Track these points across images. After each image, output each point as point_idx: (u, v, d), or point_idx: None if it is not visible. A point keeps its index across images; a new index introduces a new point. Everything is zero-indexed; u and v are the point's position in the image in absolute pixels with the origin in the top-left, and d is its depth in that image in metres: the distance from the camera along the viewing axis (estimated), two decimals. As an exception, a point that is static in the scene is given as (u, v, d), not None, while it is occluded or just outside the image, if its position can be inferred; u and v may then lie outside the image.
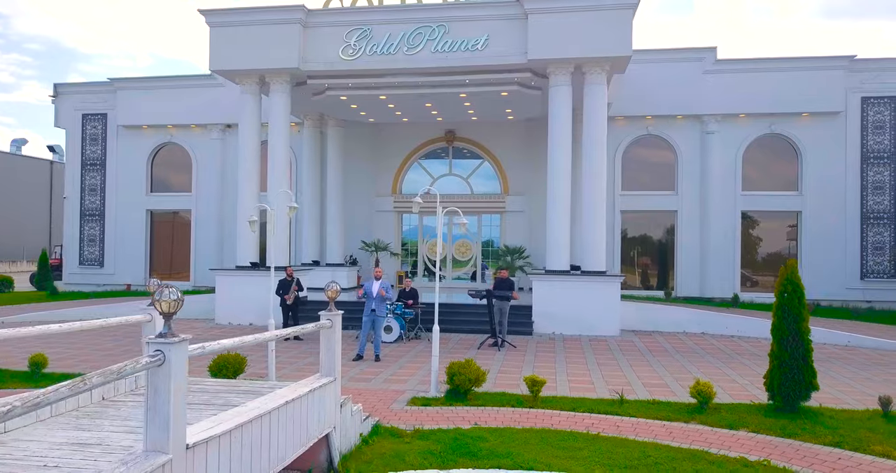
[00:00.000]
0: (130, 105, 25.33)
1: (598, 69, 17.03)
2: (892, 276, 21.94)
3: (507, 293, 14.10)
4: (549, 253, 17.35)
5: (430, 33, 17.34)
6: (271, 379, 10.52)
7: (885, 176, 22.05)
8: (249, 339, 5.19)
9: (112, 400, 6.06)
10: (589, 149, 17.12)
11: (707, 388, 9.20)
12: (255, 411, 4.96)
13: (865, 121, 22.14)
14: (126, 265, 25.64)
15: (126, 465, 3.59)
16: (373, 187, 24.73)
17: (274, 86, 18.34)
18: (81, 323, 6.02)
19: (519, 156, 24.02)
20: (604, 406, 9.37)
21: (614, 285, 16.63)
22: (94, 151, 26.12)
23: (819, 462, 7.05)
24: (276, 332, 6.07)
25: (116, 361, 12.58)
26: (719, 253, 22.43)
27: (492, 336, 14.50)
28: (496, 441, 7.44)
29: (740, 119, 22.59)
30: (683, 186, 22.83)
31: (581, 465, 6.70)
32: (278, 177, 18.28)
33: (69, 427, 5.16)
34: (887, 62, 22.28)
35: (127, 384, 6.46)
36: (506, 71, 17.59)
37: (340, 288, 6.90)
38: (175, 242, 25.99)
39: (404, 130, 24.20)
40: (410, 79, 18.04)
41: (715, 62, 22.40)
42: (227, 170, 25.08)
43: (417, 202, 10.27)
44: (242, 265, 18.34)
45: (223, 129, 25.11)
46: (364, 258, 24.06)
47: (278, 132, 18.39)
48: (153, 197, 25.81)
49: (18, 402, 2.90)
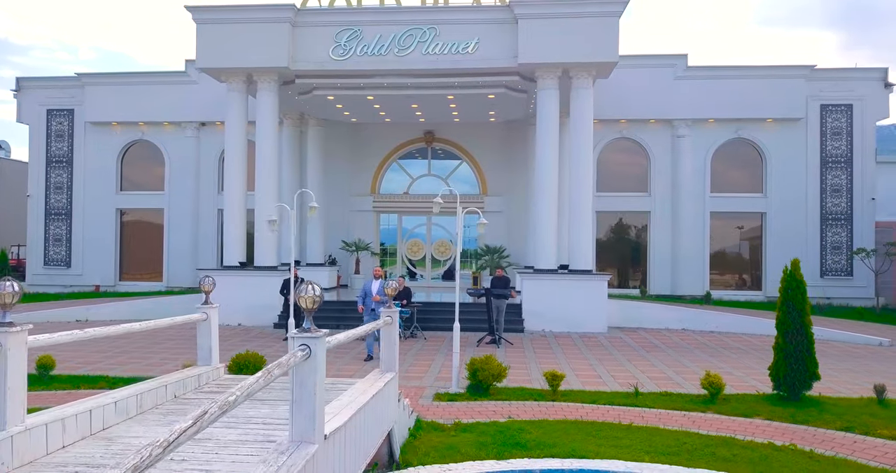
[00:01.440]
0: (99, 101, 24.67)
1: (585, 74, 17.56)
2: (849, 274, 23.22)
3: (505, 291, 14.45)
4: (538, 252, 17.80)
5: (420, 35, 17.55)
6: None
7: (843, 179, 23.33)
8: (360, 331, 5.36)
9: (185, 398, 6.12)
10: (576, 151, 17.63)
11: (717, 380, 9.72)
12: (357, 404, 5.13)
13: (825, 127, 23.38)
14: (94, 265, 24.95)
15: (283, 455, 3.75)
16: (351, 187, 24.75)
17: (261, 84, 18.24)
18: (156, 322, 6.09)
19: (497, 158, 24.44)
20: (620, 398, 9.79)
21: (601, 283, 17.19)
22: (59, 148, 25.32)
23: (838, 445, 7.61)
24: (367, 327, 6.22)
25: (119, 361, 12.38)
26: (690, 252, 23.31)
27: (490, 333, 14.83)
28: (538, 433, 7.76)
29: (709, 124, 23.54)
30: (656, 188, 23.65)
31: (627, 453, 7.07)
32: (266, 176, 18.19)
33: (163, 423, 5.23)
34: (844, 72, 23.61)
35: (191, 383, 6.51)
36: (494, 74, 17.95)
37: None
38: (147, 242, 25.43)
39: (384, 130, 24.31)
40: (400, 81, 18.21)
41: (686, 69, 23.28)
42: (202, 169, 24.71)
43: (438, 202, 10.49)
44: (230, 265, 18.16)
45: (198, 127, 24.71)
46: (343, 258, 24.07)
47: (266, 131, 18.29)
48: (123, 195, 25.20)
49: (215, 406, 3.00)
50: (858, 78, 23.38)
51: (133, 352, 13.68)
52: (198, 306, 7.16)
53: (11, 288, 4.20)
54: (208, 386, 6.61)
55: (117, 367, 12.04)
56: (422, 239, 24.86)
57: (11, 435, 4.10)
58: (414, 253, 24.82)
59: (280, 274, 18.01)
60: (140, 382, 6.10)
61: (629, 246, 24.55)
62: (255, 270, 17.99)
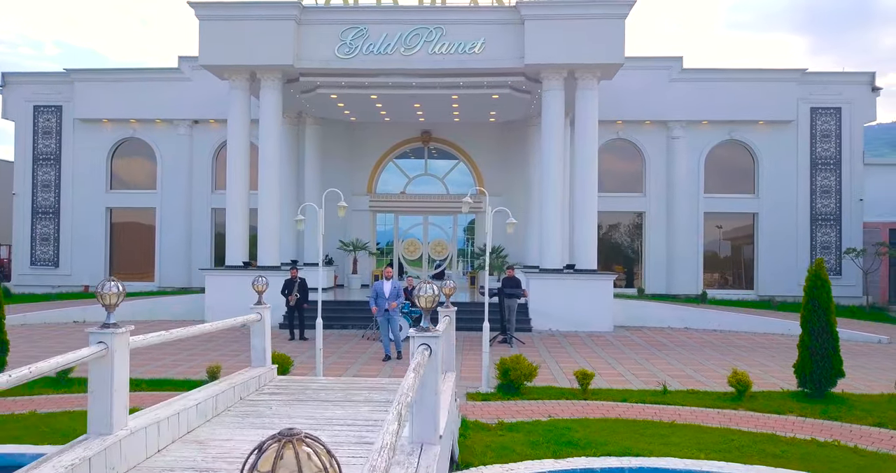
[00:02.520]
0: (89, 97, 24.16)
1: (590, 75, 17.69)
2: (838, 274, 23.71)
3: (518, 291, 14.51)
4: (544, 252, 17.89)
5: (427, 35, 17.52)
6: (319, 375, 10.48)
7: (832, 181, 23.86)
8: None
9: (251, 400, 6.04)
10: (581, 151, 17.76)
11: (745, 377, 9.87)
12: (445, 404, 5.11)
13: (815, 129, 23.89)
14: (84, 265, 24.43)
15: (413, 456, 3.73)
16: (347, 186, 24.56)
17: (265, 82, 18.05)
18: (223, 322, 6.01)
19: (494, 158, 24.50)
20: (650, 396, 9.89)
21: (607, 283, 17.35)
22: (47, 145, 24.75)
23: (877, 440, 7.78)
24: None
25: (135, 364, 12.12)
26: (684, 252, 23.64)
27: (502, 332, 14.86)
28: (585, 432, 7.80)
29: (703, 125, 23.89)
30: (651, 189, 23.92)
31: (678, 450, 7.15)
32: (269, 176, 18.01)
33: (245, 425, 5.15)
34: (833, 75, 24.15)
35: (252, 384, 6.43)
36: (499, 74, 18.00)
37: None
38: (137, 241, 24.99)
39: (380, 130, 24.22)
40: (405, 80, 18.16)
41: (681, 71, 23.60)
42: (195, 168, 24.36)
43: (467, 202, 10.49)
44: (232, 264, 17.93)
45: (191, 125, 24.35)
46: (340, 257, 23.92)
47: (269, 129, 18.10)
48: (114, 194, 24.72)
49: (400, 407, 2.95)
50: (847, 82, 23.93)
51: (143, 354, 13.41)
52: (251, 306, 7.08)
53: (116, 288, 4.12)
54: (268, 388, 6.54)
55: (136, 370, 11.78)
56: (418, 239, 24.81)
57: (119, 439, 4.01)
58: (410, 253, 24.76)
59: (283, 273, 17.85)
60: (210, 384, 6.01)
61: (625, 246, 24.81)
62: (259, 270, 17.76)
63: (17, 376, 3.26)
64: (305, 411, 5.53)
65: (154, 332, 4.97)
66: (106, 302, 4.14)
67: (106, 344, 4.05)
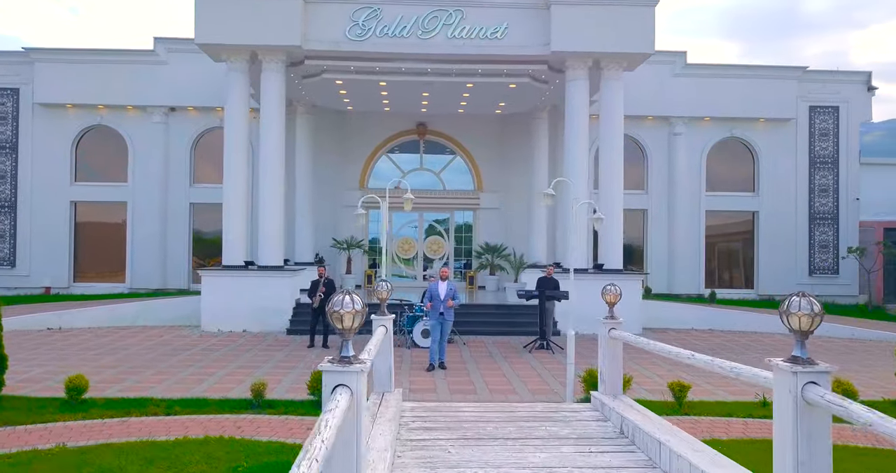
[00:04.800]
0: (51, 80, 21.89)
1: (616, 65, 16.86)
2: (835, 272, 23.76)
3: (563, 292, 13.51)
4: (568, 251, 16.93)
5: (445, 18, 16.32)
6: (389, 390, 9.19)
7: (829, 179, 23.83)
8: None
9: (412, 440, 4.79)
10: (607, 146, 16.90)
11: (850, 387, 9.13)
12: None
13: (813, 128, 23.80)
14: (44, 265, 22.14)
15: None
16: (339, 181, 23.12)
17: (267, 65, 16.47)
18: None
19: (492, 152, 23.47)
20: (755, 409, 9.07)
21: (636, 283, 16.55)
22: (2, 132, 22.32)
23: None
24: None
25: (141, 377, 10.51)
26: (686, 250, 23.18)
27: (541, 337, 13.83)
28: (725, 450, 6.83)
29: (705, 122, 23.47)
30: (653, 186, 23.36)
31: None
32: (272, 168, 16.45)
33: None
34: (831, 74, 24.12)
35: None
36: (521, 62, 16.97)
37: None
38: (106, 239, 22.84)
39: (374, 121, 22.84)
40: (419, 66, 16.91)
41: (684, 66, 23.10)
42: (171, 159, 22.42)
43: (549, 193, 9.38)
44: (232, 264, 16.30)
45: (167, 113, 22.38)
46: (332, 256, 22.42)
47: (271, 117, 16.53)
48: (79, 187, 22.50)
49: None
50: (844, 81, 23.94)
51: (154, 366, 11.77)
52: (374, 317, 5.79)
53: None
54: (408, 418, 5.28)
55: (141, 384, 10.21)
56: (413, 237, 23.54)
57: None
58: (405, 252, 23.47)
59: (288, 274, 16.39)
60: (365, 423, 4.73)
61: (628, 244, 24.14)
62: (260, 270, 16.24)
63: None
64: (500, 455, 4.34)
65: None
66: (345, 324, 2.85)
67: (350, 390, 2.78)
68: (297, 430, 7.85)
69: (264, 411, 8.71)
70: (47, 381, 10.43)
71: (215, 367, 11.67)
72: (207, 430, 7.80)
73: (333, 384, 2.71)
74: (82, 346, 13.75)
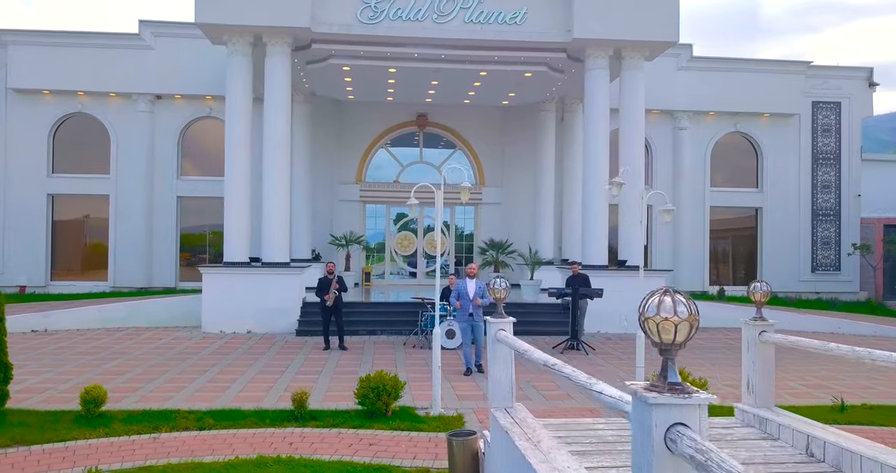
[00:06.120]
0: (26, 64, 20.41)
1: (638, 54, 16.25)
2: (837, 269, 23.61)
3: (597, 290, 12.82)
4: (586, 247, 16.31)
5: (462, 1, 15.46)
6: (435, 408, 8.36)
7: (832, 176, 23.67)
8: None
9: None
10: (627, 139, 16.28)
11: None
12: None
13: (816, 123, 23.60)
14: (19, 262, 20.66)
15: None
16: (335, 174, 22.10)
17: (272, 48, 15.41)
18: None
19: (493, 146, 22.71)
20: (828, 413, 8.46)
21: (660, 280, 15.94)
22: (-29, 120, 20.76)
23: None
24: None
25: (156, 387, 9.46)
26: (690, 247, 22.77)
27: (572, 338, 13.11)
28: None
29: (709, 116, 23.09)
30: (658, 181, 22.86)
31: None
32: (278, 158, 15.40)
33: None
34: (833, 70, 23.97)
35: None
36: (540, 49, 16.21)
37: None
38: (86, 235, 21.44)
39: (372, 111, 21.86)
40: (433, 52, 16.03)
41: (690, 59, 22.66)
42: (157, 150, 21.13)
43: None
44: (234, 261, 15.21)
45: (152, 101, 21.08)
46: (329, 252, 21.38)
47: (278, 103, 15.47)
48: (57, 178, 21.04)
49: None
50: (846, 76, 23.81)
51: (164, 372, 10.70)
52: (491, 321, 4.95)
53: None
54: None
55: (158, 394, 9.17)
56: (413, 233, 22.65)
57: None
58: (404, 248, 22.56)
59: (296, 271, 15.39)
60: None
61: (633, 241, 23.65)
62: (266, 267, 15.20)
63: None
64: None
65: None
66: (675, 338, 2.04)
67: (690, 430, 1.95)
68: (359, 447, 6.97)
69: (309, 424, 7.79)
70: (50, 391, 9.34)
71: (233, 373, 10.66)
72: (256, 448, 6.87)
73: (668, 423, 1.92)
74: (75, 350, 12.57)
